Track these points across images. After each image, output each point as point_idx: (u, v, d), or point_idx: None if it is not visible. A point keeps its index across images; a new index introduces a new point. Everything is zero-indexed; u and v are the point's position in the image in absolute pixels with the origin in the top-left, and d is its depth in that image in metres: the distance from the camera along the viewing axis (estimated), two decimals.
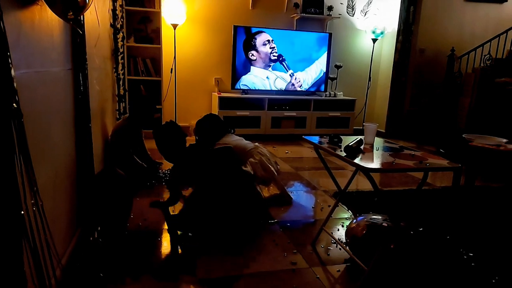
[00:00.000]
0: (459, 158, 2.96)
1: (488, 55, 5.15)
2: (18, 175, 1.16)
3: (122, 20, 4.30)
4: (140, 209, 2.67)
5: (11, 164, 1.13)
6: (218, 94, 5.30)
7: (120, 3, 4.21)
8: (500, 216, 2.93)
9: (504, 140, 2.93)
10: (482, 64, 5.22)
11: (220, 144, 2.97)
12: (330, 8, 5.66)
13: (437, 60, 5.69)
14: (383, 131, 5.96)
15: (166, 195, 2.86)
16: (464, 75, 5.37)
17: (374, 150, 1.99)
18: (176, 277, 1.90)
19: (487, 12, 5.85)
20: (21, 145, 1.17)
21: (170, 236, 2.33)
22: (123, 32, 4.32)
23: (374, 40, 5.83)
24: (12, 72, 1.11)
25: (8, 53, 1.10)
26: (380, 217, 2.08)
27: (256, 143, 3.13)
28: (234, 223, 2.36)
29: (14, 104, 1.12)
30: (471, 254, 2.23)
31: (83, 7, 1.54)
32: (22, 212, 1.16)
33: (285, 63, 5.56)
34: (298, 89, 5.72)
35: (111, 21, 3.64)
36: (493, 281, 1.98)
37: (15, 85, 1.13)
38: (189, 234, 2.34)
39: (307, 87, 5.74)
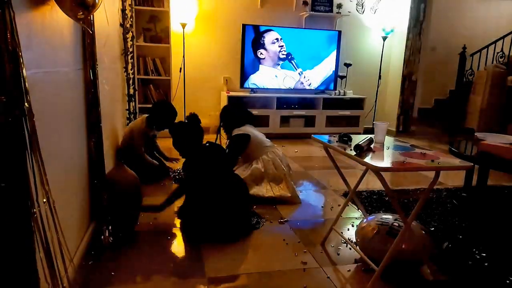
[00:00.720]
0: (471, 157, 2.91)
1: (501, 52, 5.08)
2: (30, 174, 1.17)
3: (131, 19, 4.32)
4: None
5: (23, 163, 1.14)
6: (227, 93, 5.31)
7: (130, 3, 4.23)
8: None
9: None
10: (494, 62, 5.15)
11: (240, 130, 3.02)
12: (340, 6, 5.63)
13: (448, 58, 5.63)
14: (394, 130, 5.91)
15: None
16: (476, 73, 5.30)
17: (385, 149, 1.96)
18: (185, 275, 1.90)
19: (499, 9, 5.76)
20: (32, 144, 1.18)
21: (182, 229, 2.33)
22: (132, 32, 4.34)
23: (384, 38, 5.78)
24: (24, 72, 1.12)
25: (20, 54, 1.11)
26: (390, 216, 2.07)
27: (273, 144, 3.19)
28: (232, 219, 2.33)
29: (26, 104, 1.14)
30: (484, 254, 2.19)
31: (93, 7, 1.55)
32: (34, 211, 1.17)
33: (294, 61, 5.53)
34: (307, 87, 5.69)
35: (121, 20, 3.66)
36: (507, 281, 1.95)
37: (26, 85, 1.14)
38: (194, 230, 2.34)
39: (316, 85, 5.71)
